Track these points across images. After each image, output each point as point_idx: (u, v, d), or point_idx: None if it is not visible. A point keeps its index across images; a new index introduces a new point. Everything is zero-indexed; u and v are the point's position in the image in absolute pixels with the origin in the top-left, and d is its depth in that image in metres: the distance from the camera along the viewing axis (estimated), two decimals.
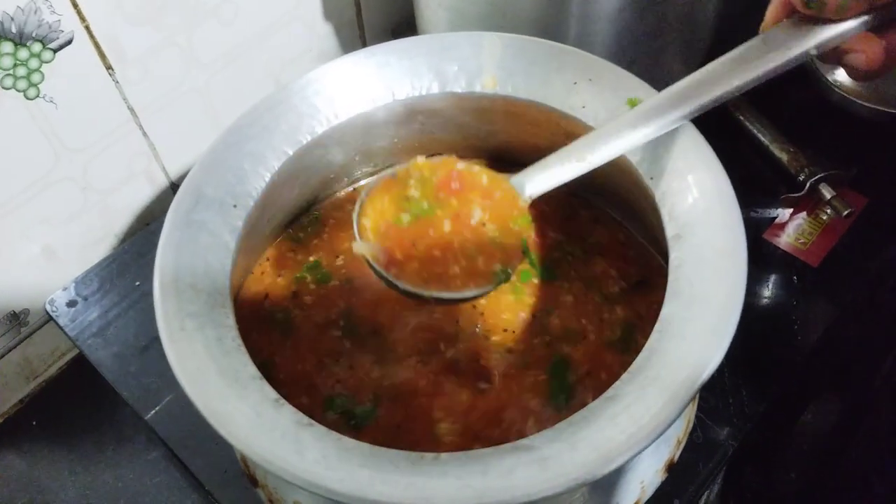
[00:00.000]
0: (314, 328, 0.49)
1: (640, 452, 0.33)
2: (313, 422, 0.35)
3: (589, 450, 0.33)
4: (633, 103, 0.44)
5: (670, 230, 0.41)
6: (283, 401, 0.36)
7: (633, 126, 0.41)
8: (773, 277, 0.62)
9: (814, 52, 0.38)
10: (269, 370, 0.47)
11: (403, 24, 0.78)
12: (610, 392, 0.36)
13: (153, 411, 0.55)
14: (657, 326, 0.38)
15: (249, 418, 0.35)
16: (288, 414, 0.36)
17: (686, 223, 0.41)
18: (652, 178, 0.43)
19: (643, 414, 0.34)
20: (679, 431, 0.48)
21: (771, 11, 0.40)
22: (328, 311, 0.50)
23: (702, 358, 0.36)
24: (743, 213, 0.41)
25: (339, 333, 0.49)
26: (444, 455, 0.34)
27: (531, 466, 0.33)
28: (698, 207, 0.41)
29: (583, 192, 0.53)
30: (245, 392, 0.36)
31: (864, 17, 0.37)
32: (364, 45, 0.78)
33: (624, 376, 0.36)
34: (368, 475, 0.33)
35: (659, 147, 0.44)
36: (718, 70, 0.39)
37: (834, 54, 0.39)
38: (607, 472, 0.33)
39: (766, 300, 0.60)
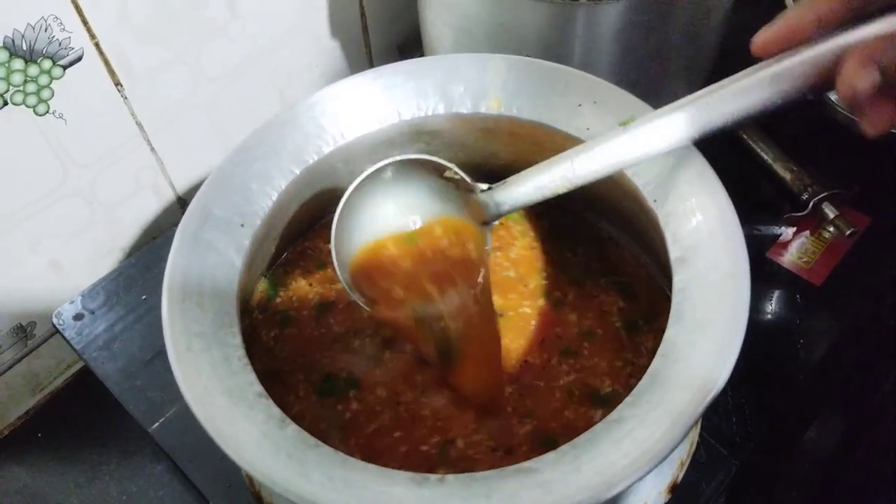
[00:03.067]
0: (316, 339, 0.49)
1: (643, 476, 0.33)
2: (319, 442, 0.36)
3: (592, 473, 0.34)
4: (626, 123, 0.43)
5: (674, 253, 0.41)
6: (288, 420, 0.37)
7: (626, 143, 0.41)
8: (776, 296, 0.62)
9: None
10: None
11: (409, 41, 0.79)
12: (613, 415, 0.36)
13: (157, 424, 0.55)
14: (660, 350, 0.38)
15: (256, 439, 0.35)
16: (293, 434, 0.36)
17: (689, 246, 0.41)
18: (656, 201, 0.44)
19: (647, 438, 0.34)
20: (682, 453, 0.48)
21: (778, 33, 0.36)
22: (331, 325, 0.50)
23: (705, 382, 0.36)
24: (746, 231, 0.41)
25: (343, 346, 0.49)
26: (448, 477, 0.34)
27: (535, 490, 0.33)
28: (702, 231, 0.41)
29: (587, 211, 0.54)
30: (251, 412, 0.36)
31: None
32: (370, 61, 0.79)
33: (627, 399, 0.36)
34: (373, 497, 0.33)
35: (663, 170, 0.44)
36: (721, 96, 0.38)
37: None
38: (611, 497, 0.33)
39: (769, 318, 0.61)
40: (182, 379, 0.37)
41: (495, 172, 0.55)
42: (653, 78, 0.61)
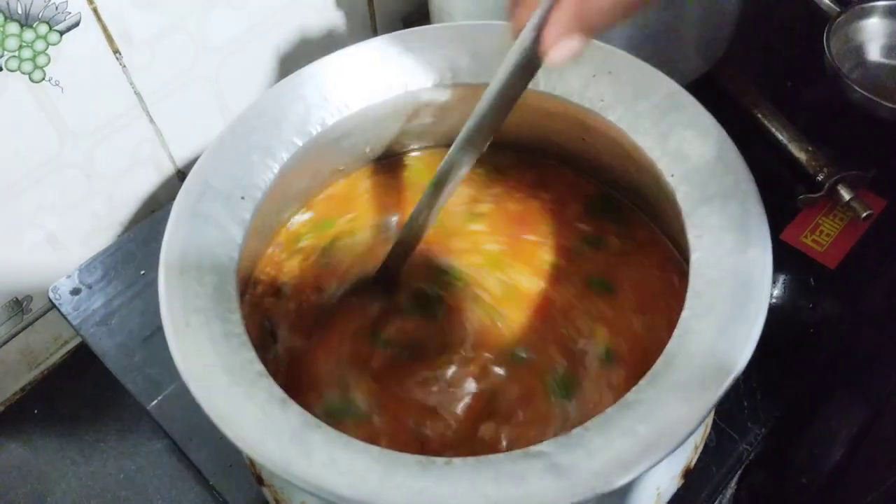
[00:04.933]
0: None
1: (658, 462, 0.32)
2: (321, 423, 0.34)
3: (606, 458, 0.32)
4: None
5: (692, 232, 0.40)
6: (290, 400, 0.35)
7: None
8: (789, 279, 0.61)
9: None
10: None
11: (415, 13, 0.77)
12: (629, 397, 0.34)
13: (156, 401, 0.54)
14: (677, 331, 0.36)
15: (256, 419, 0.34)
16: (296, 414, 0.35)
17: (709, 226, 0.40)
18: (673, 176, 0.42)
19: (663, 422, 0.33)
20: (697, 437, 0.47)
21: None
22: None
23: (724, 366, 0.35)
24: None
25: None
26: (455, 460, 0.33)
27: (545, 474, 0.32)
28: (722, 209, 0.40)
29: (607, 188, 0.52)
30: (252, 391, 0.35)
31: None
32: (375, 33, 0.77)
33: (642, 382, 0.35)
34: (378, 480, 0.32)
35: (680, 144, 0.42)
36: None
37: None
38: (625, 483, 0.32)
39: (782, 302, 0.59)
40: (179, 356, 0.36)
41: (508, 144, 0.54)
42: (668, 52, 0.59)
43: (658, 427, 0.33)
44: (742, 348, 0.35)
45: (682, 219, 0.40)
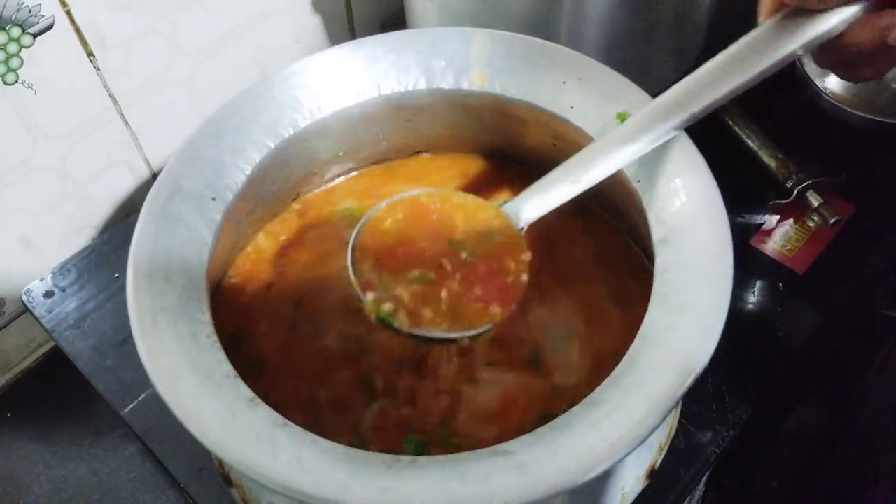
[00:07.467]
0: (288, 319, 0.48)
1: (621, 460, 0.32)
2: (288, 422, 0.35)
3: (569, 456, 0.33)
4: (622, 117, 0.44)
5: (657, 234, 0.41)
6: (257, 400, 0.35)
7: (626, 141, 0.40)
8: (758, 284, 0.61)
9: (801, 51, 0.37)
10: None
11: (393, 18, 0.77)
12: (592, 397, 0.35)
13: (130, 406, 0.54)
14: (640, 332, 0.37)
15: (223, 418, 0.34)
16: (263, 413, 0.35)
17: (673, 228, 0.40)
18: (639, 181, 0.43)
19: (625, 421, 0.34)
20: (661, 438, 0.47)
21: (764, 5, 0.39)
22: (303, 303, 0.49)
23: (686, 365, 0.35)
24: (729, 218, 0.40)
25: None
26: (421, 458, 0.33)
27: (510, 472, 0.32)
28: (686, 212, 0.41)
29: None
30: (219, 390, 0.35)
31: (854, 8, 0.36)
32: (353, 38, 0.77)
33: (605, 382, 0.36)
34: (343, 478, 0.32)
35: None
36: (708, 76, 0.39)
37: (828, 55, 0.38)
38: (588, 480, 0.32)
39: (751, 306, 0.60)
40: (146, 355, 0.36)
41: (480, 149, 0.54)
42: (640, 59, 0.60)
43: (621, 426, 0.33)
44: (704, 349, 0.36)
45: (647, 222, 0.41)
